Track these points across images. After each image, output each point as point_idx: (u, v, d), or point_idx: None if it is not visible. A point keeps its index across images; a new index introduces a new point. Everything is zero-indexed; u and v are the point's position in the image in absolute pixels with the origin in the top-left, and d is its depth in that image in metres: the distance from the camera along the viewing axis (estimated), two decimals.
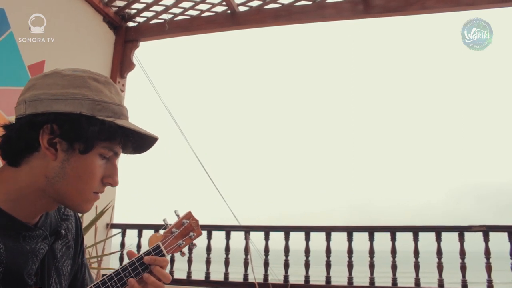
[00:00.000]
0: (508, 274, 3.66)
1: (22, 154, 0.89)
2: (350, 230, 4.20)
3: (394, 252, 4.02)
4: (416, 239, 3.97)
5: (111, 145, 0.92)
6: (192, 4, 4.65)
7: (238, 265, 4.51)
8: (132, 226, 4.74)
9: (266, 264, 4.30)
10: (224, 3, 4.55)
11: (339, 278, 4.46)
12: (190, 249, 4.03)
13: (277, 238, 4.42)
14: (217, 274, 4.45)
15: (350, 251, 4.15)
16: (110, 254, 4.50)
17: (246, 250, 4.34)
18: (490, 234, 3.78)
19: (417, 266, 3.91)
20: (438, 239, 3.92)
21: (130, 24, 5.02)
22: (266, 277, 4.19)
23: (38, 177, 0.89)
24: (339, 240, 4.29)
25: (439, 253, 3.90)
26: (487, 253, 3.78)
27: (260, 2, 4.56)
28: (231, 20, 4.67)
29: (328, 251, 4.17)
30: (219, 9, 4.68)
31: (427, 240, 4.09)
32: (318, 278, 4.35)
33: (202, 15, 4.76)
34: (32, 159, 0.89)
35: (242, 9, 4.66)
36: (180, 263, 4.41)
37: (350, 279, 4.04)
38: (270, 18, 4.57)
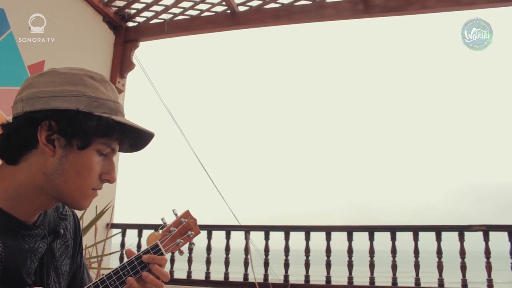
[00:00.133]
0: (508, 274, 3.66)
1: (20, 152, 0.90)
2: (350, 230, 4.20)
3: (394, 251, 4.02)
4: (416, 239, 3.97)
5: (109, 141, 0.93)
6: (192, 4, 4.65)
7: (238, 265, 4.51)
8: (132, 226, 4.75)
9: (266, 264, 4.30)
10: (224, 3, 4.55)
11: (339, 277, 4.46)
12: (190, 248, 4.02)
13: (277, 238, 4.43)
14: (217, 274, 4.46)
15: (350, 251, 4.15)
16: (110, 254, 4.50)
17: (246, 250, 4.34)
18: (490, 234, 3.78)
19: (417, 266, 3.91)
20: (438, 239, 3.92)
21: (130, 24, 5.02)
22: (266, 277, 4.19)
23: (36, 174, 0.89)
24: (339, 239, 4.29)
25: (439, 252, 3.91)
26: (487, 252, 3.79)
27: (260, 2, 4.56)
28: (231, 20, 4.67)
29: (328, 251, 4.17)
30: (219, 9, 4.68)
31: (427, 239, 4.09)
32: (318, 277, 4.35)
33: (202, 15, 4.76)
34: (30, 157, 0.90)
35: (242, 8, 4.66)
36: (180, 263, 4.41)
37: (350, 279, 4.05)
38: (270, 18, 4.57)
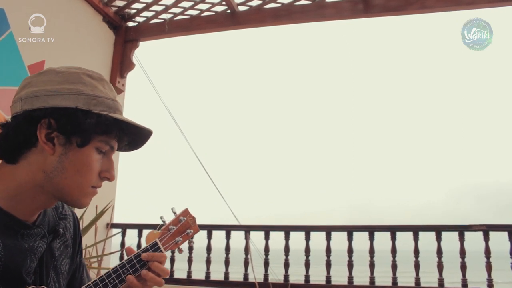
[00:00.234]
0: (508, 274, 3.66)
1: (20, 150, 0.90)
2: (350, 230, 4.20)
3: (394, 251, 4.02)
4: (416, 239, 3.97)
5: (108, 138, 0.94)
6: (191, 3, 4.65)
7: (238, 264, 4.50)
8: (132, 226, 4.74)
9: (266, 263, 4.30)
10: (223, 3, 4.54)
11: (339, 277, 4.46)
12: (190, 248, 4.03)
13: (277, 237, 4.42)
14: (217, 274, 4.45)
15: (350, 251, 4.15)
16: (110, 254, 4.51)
17: (246, 250, 4.34)
18: (490, 234, 3.78)
19: (417, 266, 3.91)
20: (438, 239, 3.92)
21: (130, 24, 5.01)
22: (266, 276, 4.19)
23: (36, 172, 0.89)
24: (339, 239, 4.29)
25: (439, 252, 3.90)
26: (487, 252, 3.79)
27: (260, 2, 4.56)
28: (231, 19, 4.67)
29: (328, 251, 4.17)
30: (219, 8, 4.68)
31: (427, 239, 4.09)
32: (318, 277, 4.35)
33: (202, 15, 4.76)
34: (29, 155, 0.90)
35: (242, 8, 4.66)
36: (180, 263, 4.41)
37: (350, 279, 4.04)
38: (270, 17, 4.56)
